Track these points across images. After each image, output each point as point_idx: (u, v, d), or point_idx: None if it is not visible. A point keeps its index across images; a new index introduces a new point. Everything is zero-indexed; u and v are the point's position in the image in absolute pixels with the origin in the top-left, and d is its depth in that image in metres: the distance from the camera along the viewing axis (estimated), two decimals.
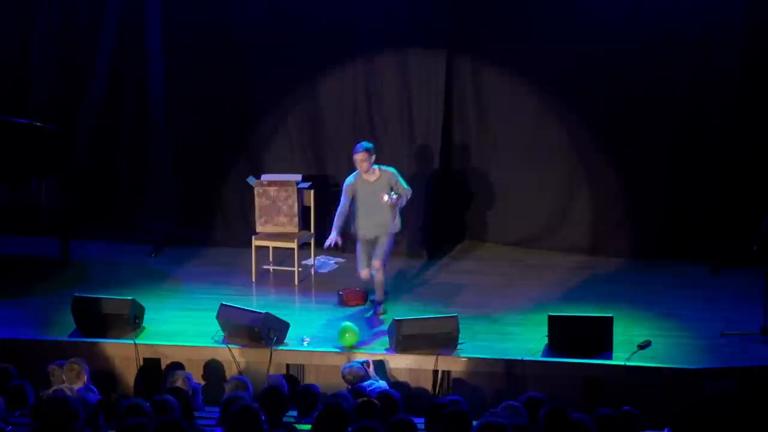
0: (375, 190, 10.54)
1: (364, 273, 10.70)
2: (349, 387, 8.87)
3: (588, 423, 7.04)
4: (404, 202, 10.62)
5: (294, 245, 11.56)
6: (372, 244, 10.67)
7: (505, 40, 12.29)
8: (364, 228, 10.65)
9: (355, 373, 9.06)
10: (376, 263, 10.61)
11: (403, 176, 10.72)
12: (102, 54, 12.75)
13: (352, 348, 9.81)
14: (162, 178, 12.91)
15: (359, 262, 10.73)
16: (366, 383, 8.95)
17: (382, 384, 9.07)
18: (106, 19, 12.69)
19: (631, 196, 12.29)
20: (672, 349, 9.83)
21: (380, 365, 9.64)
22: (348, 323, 10.00)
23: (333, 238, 10.55)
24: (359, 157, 10.54)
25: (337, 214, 10.64)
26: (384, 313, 10.70)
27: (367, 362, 9.40)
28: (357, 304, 10.90)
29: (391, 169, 10.65)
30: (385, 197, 10.47)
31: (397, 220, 10.68)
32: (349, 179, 10.70)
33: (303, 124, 12.67)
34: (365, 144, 10.65)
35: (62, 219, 11.91)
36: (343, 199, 10.67)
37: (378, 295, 10.78)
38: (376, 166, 10.61)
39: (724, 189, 12.02)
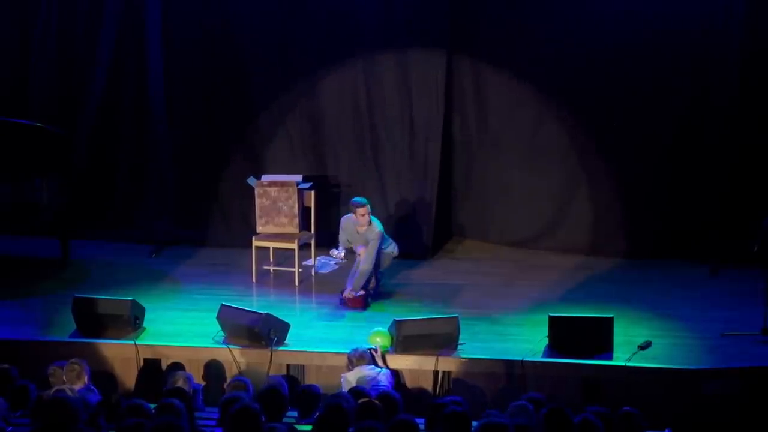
0: (359, 240, 10.92)
1: (335, 253, 11.08)
2: (349, 368, 9.11)
3: (592, 423, 7.04)
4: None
5: (294, 246, 11.55)
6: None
7: (505, 40, 12.30)
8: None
9: (360, 356, 9.18)
10: (361, 251, 10.87)
11: (386, 238, 10.94)
12: (101, 54, 12.75)
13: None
14: (162, 178, 12.91)
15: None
16: (368, 367, 9.11)
17: (384, 371, 9.18)
18: (106, 19, 12.69)
19: (630, 196, 12.29)
20: (672, 350, 9.83)
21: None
22: (379, 328, 9.92)
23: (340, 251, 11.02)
24: (363, 210, 10.83)
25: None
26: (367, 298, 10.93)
27: (375, 349, 9.47)
28: (355, 307, 10.88)
29: (380, 229, 10.88)
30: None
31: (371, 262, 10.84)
32: (345, 220, 11.03)
33: (303, 124, 12.67)
34: (365, 200, 10.93)
35: (62, 219, 11.89)
36: (340, 236, 11.08)
37: (355, 285, 10.88)
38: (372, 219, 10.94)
39: (723, 189, 12.02)
